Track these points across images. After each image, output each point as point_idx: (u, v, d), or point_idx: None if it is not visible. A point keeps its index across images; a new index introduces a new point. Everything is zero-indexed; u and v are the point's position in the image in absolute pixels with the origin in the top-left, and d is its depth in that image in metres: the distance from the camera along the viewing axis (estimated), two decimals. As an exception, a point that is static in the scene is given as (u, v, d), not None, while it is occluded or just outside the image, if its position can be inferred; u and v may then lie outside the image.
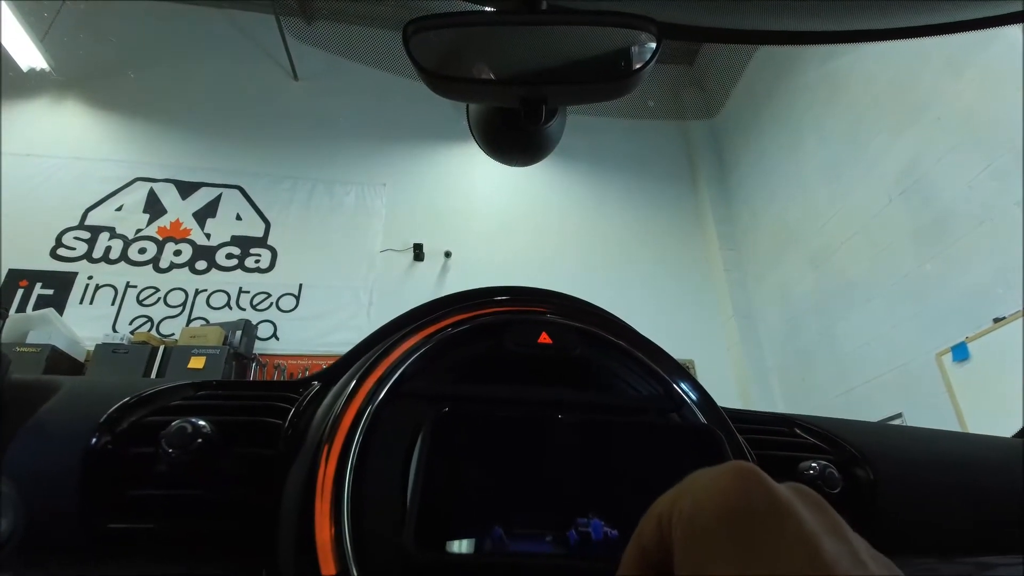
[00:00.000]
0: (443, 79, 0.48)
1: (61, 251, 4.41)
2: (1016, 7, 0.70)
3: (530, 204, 5.54)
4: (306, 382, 0.39)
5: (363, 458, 0.31)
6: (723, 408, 0.44)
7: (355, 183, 5.21)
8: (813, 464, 0.40)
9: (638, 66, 0.50)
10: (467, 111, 0.61)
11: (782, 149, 5.12)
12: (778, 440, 0.43)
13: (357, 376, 0.35)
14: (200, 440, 0.32)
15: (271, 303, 4.60)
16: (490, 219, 5.31)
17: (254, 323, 4.39)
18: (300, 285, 4.70)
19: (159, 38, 5.38)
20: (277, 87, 5.49)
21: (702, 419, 0.38)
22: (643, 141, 6.08)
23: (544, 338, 0.38)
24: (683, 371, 0.41)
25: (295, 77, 5.53)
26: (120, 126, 5.02)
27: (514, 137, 0.56)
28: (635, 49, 0.50)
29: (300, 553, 0.28)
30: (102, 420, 0.33)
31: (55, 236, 4.44)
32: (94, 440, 0.33)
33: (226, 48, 5.51)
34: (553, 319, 0.41)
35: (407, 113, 5.30)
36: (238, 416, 0.35)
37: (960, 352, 3.15)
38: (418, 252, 4.99)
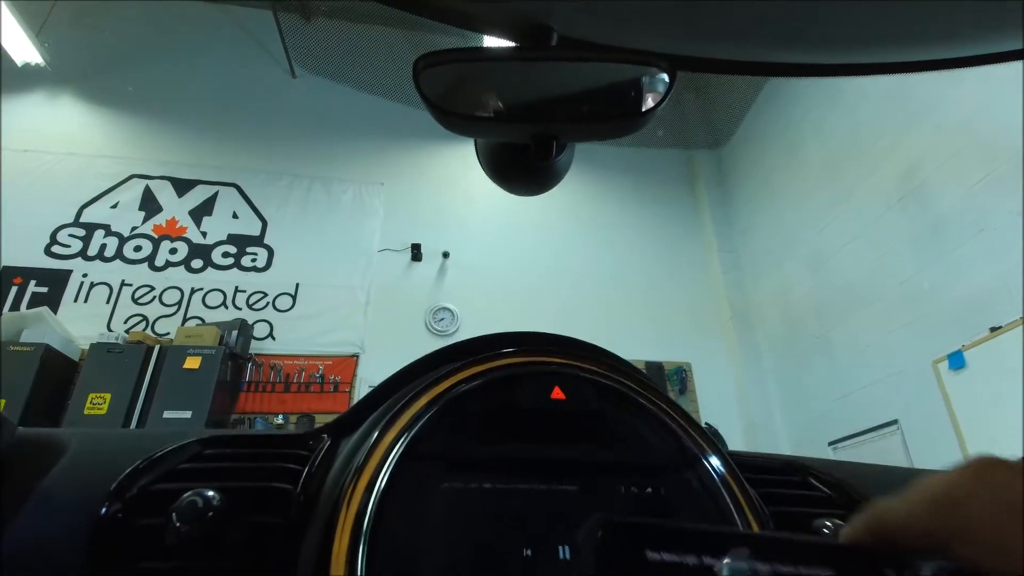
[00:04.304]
0: (453, 115, 0.47)
1: (56, 248, 4.38)
2: (1016, 44, 0.70)
3: (529, 206, 5.52)
4: (316, 435, 0.38)
5: (377, 527, 0.30)
6: (734, 454, 0.43)
7: (353, 182, 5.19)
8: (827, 523, 0.39)
9: (652, 103, 0.49)
10: (475, 141, 0.60)
11: (782, 152, 5.12)
12: (792, 495, 0.43)
13: (369, 440, 0.34)
14: (211, 513, 0.31)
15: (267, 302, 4.58)
16: (489, 220, 5.30)
17: (250, 323, 4.37)
18: (297, 284, 4.68)
19: (155, 34, 5.34)
20: (275, 84, 5.45)
21: (715, 478, 0.37)
22: (643, 145, 6.07)
23: (557, 393, 0.38)
24: (694, 422, 0.40)
25: (293, 75, 5.50)
26: (116, 122, 4.98)
27: (523, 170, 0.56)
28: (648, 85, 0.49)
29: None
30: (112, 489, 0.32)
31: (49, 233, 4.41)
32: (103, 510, 0.32)
33: (223, 45, 5.47)
34: (564, 371, 0.40)
35: (406, 112, 5.28)
36: (248, 483, 0.34)
37: (956, 360, 3.17)
38: (416, 252, 4.97)
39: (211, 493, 0.32)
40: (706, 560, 0.20)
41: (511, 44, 0.53)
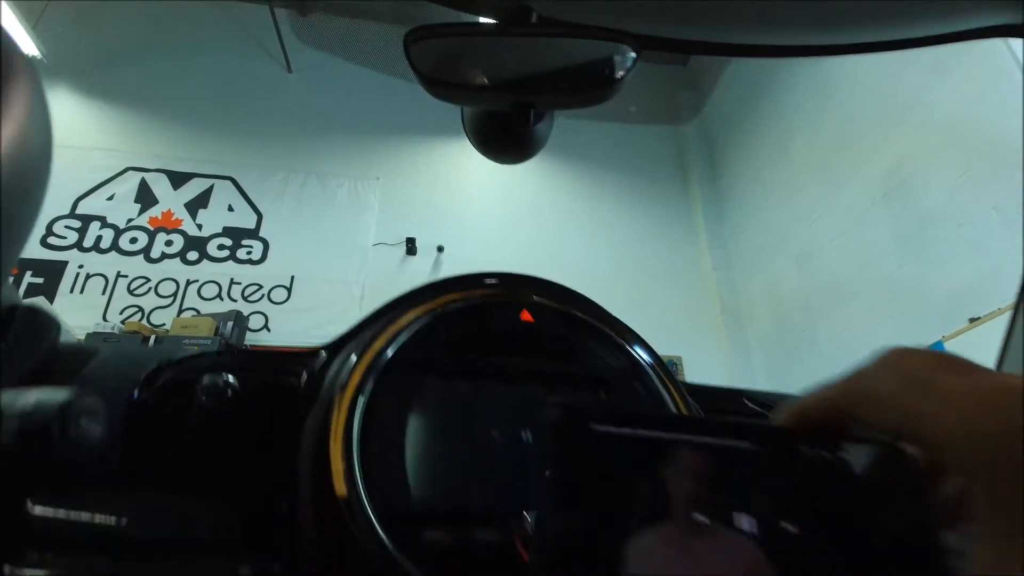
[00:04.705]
0: (440, 84, 0.53)
1: (51, 240, 4.40)
2: (978, 23, 0.76)
3: (524, 202, 5.58)
4: (314, 352, 0.44)
5: (367, 412, 0.36)
6: (682, 382, 0.49)
7: (348, 176, 5.23)
8: None
9: (619, 75, 0.55)
10: (461, 113, 0.65)
11: (772, 149, 5.20)
12: (726, 409, 0.49)
13: (361, 347, 0.40)
14: (230, 392, 0.37)
15: (262, 295, 4.62)
16: (484, 215, 5.35)
17: (245, 314, 4.41)
18: (292, 277, 4.71)
19: (151, 28, 5.36)
20: (271, 79, 5.48)
21: (660, 388, 0.44)
22: (636, 140, 6.14)
23: (526, 316, 0.44)
24: (646, 345, 0.47)
25: (289, 69, 5.53)
26: (112, 116, 5.00)
27: (505, 138, 0.61)
28: (616, 60, 0.55)
29: (318, 480, 0.33)
30: (142, 378, 0.38)
31: (45, 225, 4.42)
32: (135, 395, 0.37)
33: (220, 38, 5.50)
34: (535, 300, 0.46)
35: (402, 107, 5.32)
36: (261, 376, 0.40)
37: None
38: (411, 246, 5.02)
39: (231, 378, 0.38)
40: (640, 431, 0.22)
41: (494, 22, 0.58)
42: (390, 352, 0.39)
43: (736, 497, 0.20)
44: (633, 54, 0.55)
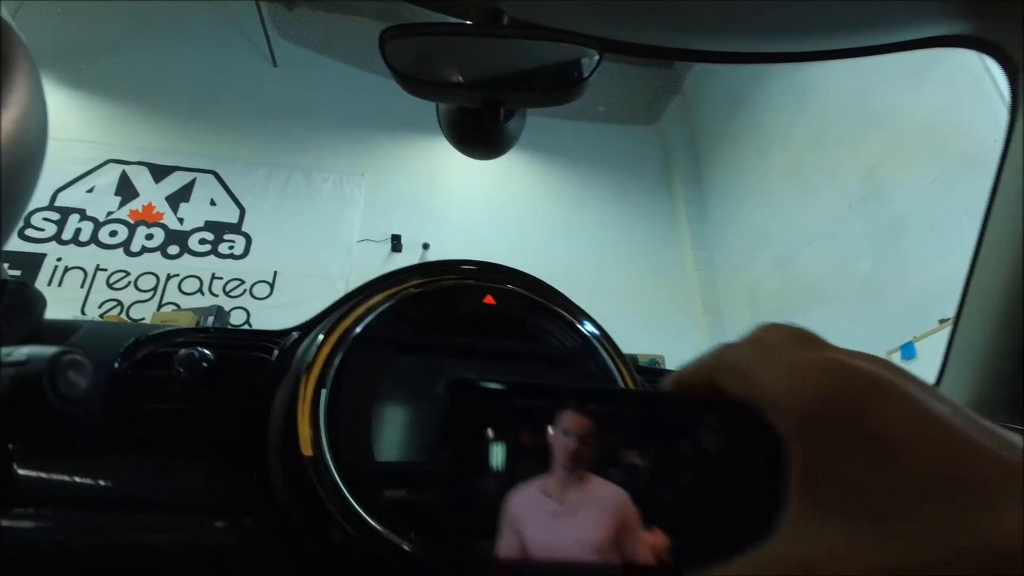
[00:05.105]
0: (413, 81, 0.56)
1: (29, 232, 4.33)
2: (928, 33, 0.80)
3: (510, 201, 5.61)
4: (286, 332, 0.46)
5: (335, 384, 0.39)
6: (633, 363, 0.53)
7: (333, 172, 5.21)
8: None
9: (583, 76, 0.58)
10: (437, 109, 0.68)
11: (752, 153, 5.29)
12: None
13: (330, 326, 0.42)
14: (205, 364, 0.39)
15: (244, 290, 4.59)
16: (470, 213, 5.37)
17: (227, 310, 4.38)
18: (275, 273, 4.69)
19: (135, 18, 5.29)
20: (256, 73, 5.44)
21: (613, 367, 0.47)
22: (623, 141, 6.20)
23: (489, 300, 0.47)
24: (600, 328, 0.50)
25: (274, 63, 5.50)
26: (93, 107, 4.93)
27: (477, 134, 0.64)
28: (581, 62, 0.58)
29: (286, 443, 0.36)
30: (121, 350, 0.40)
31: (24, 216, 4.35)
32: (116, 365, 0.40)
33: (204, 31, 5.44)
34: (498, 286, 0.49)
35: (389, 104, 5.30)
36: (235, 351, 0.42)
37: (908, 351, 3.34)
38: (396, 243, 5.02)
39: (206, 351, 0.40)
40: (536, 401, 0.23)
41: (468, 23, 0.61)
42: (358, 330, 0.42)
43: (611, 453, 0.23)
44: (597, 57, 0.58)
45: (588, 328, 0.50)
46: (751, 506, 0.22)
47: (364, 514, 0.33)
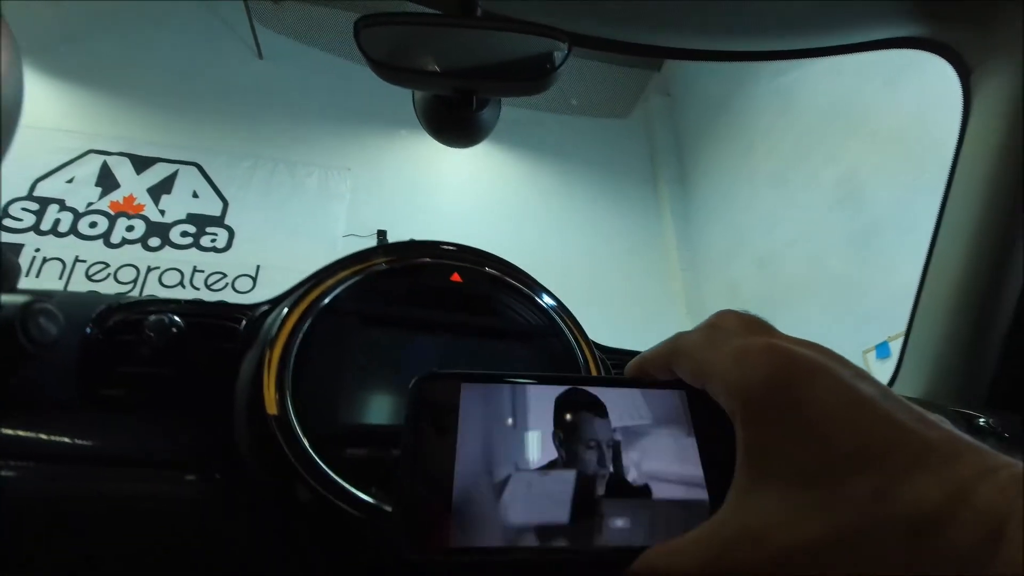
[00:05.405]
0: (388, 68, 0.58)
1: (7, 222, 4.25)
2: (885, 34, 0.84)
3: (497, 198, 5.62)
4: (256, 305, 0.48)
5: (300, 350, 0.41)
6: (595, 343, 0.55)
7: (318, 166, 5.18)
8: None
9: (551, 67, 0.60)
10: (413, 98, 0.70)
11: (736, 154, 5.36)
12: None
13: (297, 297, 0.44)
14: (175, 330, 0.41)
15: (227, 284, 4.55)
16: (457, 210, 5.38)
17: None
18: (258, 267, 4.66)
19: (119, 6, 5.22)
20: (241, 65, 5.39)
21: (575, 345, 0.49)
22: (610, 141, 6.25)
23: (455, 277, 0.49)
24: (565, 308, 0.53)
25: (259, 55, 5.45)
26: (74, 97, 4.85)
27: (451, 122, 0.66)
28: (551, 54, 0.61)
29: (252, 404, 0.38)
30: (93, 316, 0.42)
31: (1, 207, 4.28)
32: (88, 331, 0.41)
33: (189, 22, 5.38)
34: (465, 265, 0.51)
35: (375, 98, 5.28)
36: (205, 319, 0.44)
37: (883, 350, 3.42)
38: (382, 239, 5.00)
39: (176, 318, 0.42)
40: (494, 388, 0.25)
41: (441, 13, 0.63)
42: (325, 301, 0.44)
43: (568, 436, 0.25)
44: (565, 50, 0.61)
45: (551, 306, 0.52)
46: (706, 482, 0.24)
47: (326, 468, 0.35)
